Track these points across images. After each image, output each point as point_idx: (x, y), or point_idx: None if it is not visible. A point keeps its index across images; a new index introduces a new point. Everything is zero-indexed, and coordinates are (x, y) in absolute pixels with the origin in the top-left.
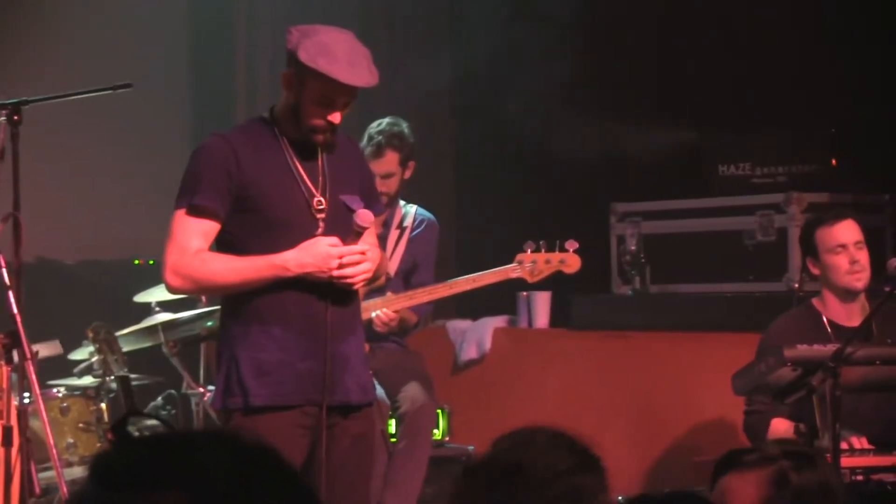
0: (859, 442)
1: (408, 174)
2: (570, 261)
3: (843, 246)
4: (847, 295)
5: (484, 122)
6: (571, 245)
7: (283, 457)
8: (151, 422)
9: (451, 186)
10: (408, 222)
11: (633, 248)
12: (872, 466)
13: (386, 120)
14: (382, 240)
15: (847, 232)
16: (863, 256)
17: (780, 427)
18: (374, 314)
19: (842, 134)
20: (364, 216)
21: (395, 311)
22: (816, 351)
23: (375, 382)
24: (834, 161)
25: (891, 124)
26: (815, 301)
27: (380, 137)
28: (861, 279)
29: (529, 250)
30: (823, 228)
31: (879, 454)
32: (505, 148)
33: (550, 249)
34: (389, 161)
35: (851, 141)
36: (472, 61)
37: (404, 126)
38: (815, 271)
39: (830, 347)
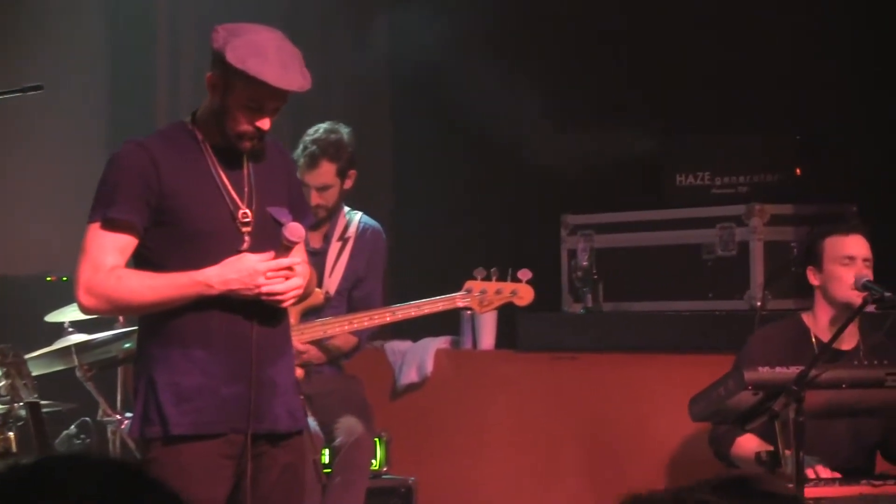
0: (824, 471)
1: (348, 184)
2: (522, 292)
3: (852, 259)
4: (844, 311)
5: (426, 128)
6: (524, 275)
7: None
8: None
9: (391, 196)
10: (351, 232)
11: (584, 263)
12: (837, 497)
13: (323, 126)
14: (322, 254)
15: (859, 246)
16: (869, 275)
17: (748, 444)
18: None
19: (807, 141)
20: (294, 230)
21: (330, 338)
22: (779, 374)
23: (308, 411)
24: (798, 170)
25: (858, 131)
26: (804, 316)
27: (314, 147)
28: (863, 297)
29: (479, 278)
30: (835, 237)
31: (846, 483)
32: (447, 156)
33: (502, 278)
34: (325, 172)
35: (817, 149)
36: (413, 65)
37: (343, 133)
38: (815, 281)
39: (793, 370)
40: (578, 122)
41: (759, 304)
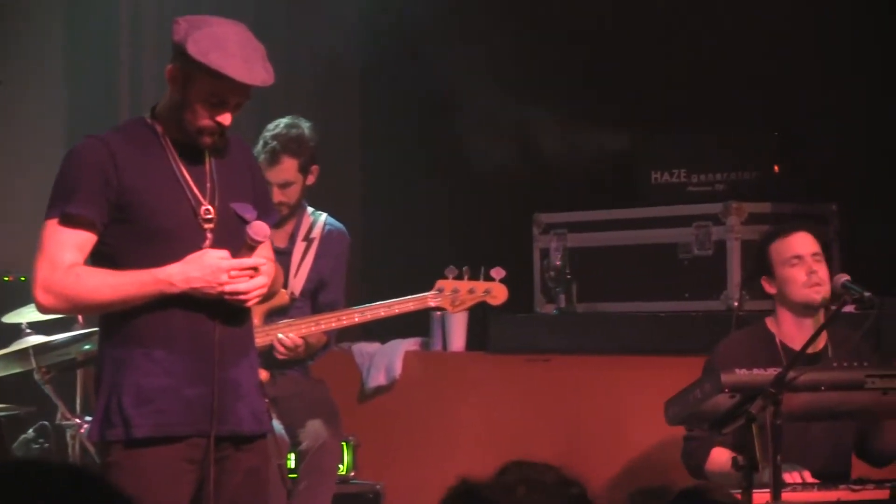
0: (801, 476)
1: (311, 180)
2: (495, 291)
3: (800, 257)
4: (805, 311)
5: (395, 124)
6: (498, 273)
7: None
8: None
9: (359, 194)
10: (315, 233)
11: (557, 262)
12: (816, 503)
13: (283, 121)
14: (287, 254)
15: (803, 243)
16: (821, 269)
17: (721, 457)
18: (280, 336)
19: (785, 138)
20: (258, 229)
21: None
22: (756, 375)
23: (273, 414)
24: (777, 167)
25: (837, 127)
26: (768, 321)
27: (275, 143)
28: (820, 292)
29: (451, 276)
30: (778, 241)
31: (824, 489)
32: (418, 153)
33: (474, 276)
34: (287, 168)
35: (796, 145)
36: (383, 60)
37: (305, 127)
38: (771, 290)
39: (771, 372)
40: (551, 119)
41: (735, 304)
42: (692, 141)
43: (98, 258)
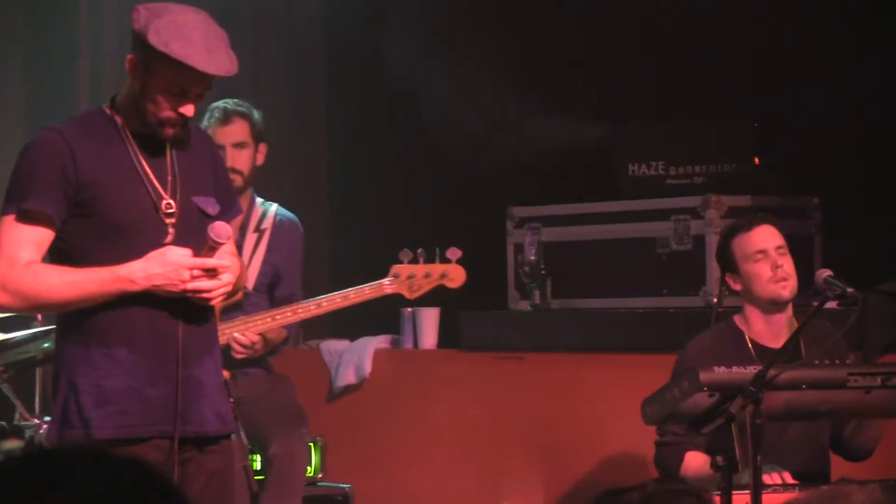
0: (781, 477)
1: (260, 159)
2: (453, 273)
3: (763, 252)
4: (772, 307)
5: (363, 117)
6: (454, 254)
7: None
8: None
9: (325, 185)
10: (267, 224)
11: (532, 257)
12: None
13: (228, 99)
14: (238, 248)
15: (766, 236)
16: (786, 262)
17: (695, 462)
18: (236, 335)
19: (765, 129)
20: (220, 230)
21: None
22: (736, 374)
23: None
24: (757, 159)
25: (819, 117)
26: (736, 318)
27: (225, 105)
28: (787, 287)
29: (406, 260)
30: (739, 236)
31: (804, 489)
32: (387, 146)
33: (430, 259)
34: (240, 129)
35: (776, 136)
36: (349, 48)
37: (250, 107)
38: (737, 286)
39: (751, 370)
40: (525, 109)
41: (715, 300)
42: (670, 132)
43: (57, 255)
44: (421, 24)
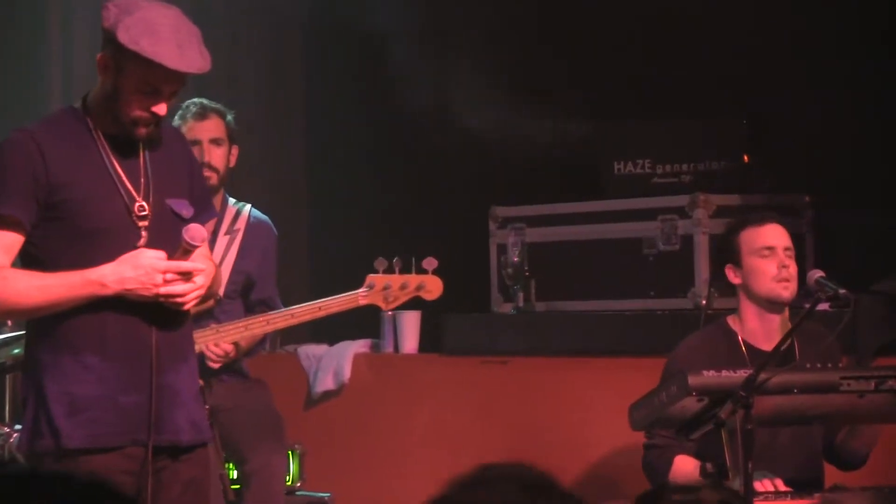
0: (773, 484)
1: (233, 160)
2: (429, 285)
3: (772, 249)
4: (770, 307)
5: (342, 115)
6: (430, 264)
7: None
8: None
9: (304, 188)
10: (239, 225)
11: (515, 259)
12: None
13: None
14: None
15: (777, 235)
16: (792, 265)
17: (685, 466)
18: (209, 346)
19: (755, 126)
20: (195, 232)
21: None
22: (725, 378)
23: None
24: (746, 157)
25: (810, 114)
26: (729, 319)
27: (199, 101)
28: (788, 288)
29: (381, 270)
30: (750, 229)
31: (797, 497)
32: (366, 145)
33: (406, 268)
34: (216, 125)
35: (766, 134)
36: (326, 46)
37: (226, 110)
38: (736, 280)
39: (741, 373)
40: (508, 106)
41: (704, 302)
42: (657, 129)
43: (27, 260)
44: (402, 24)
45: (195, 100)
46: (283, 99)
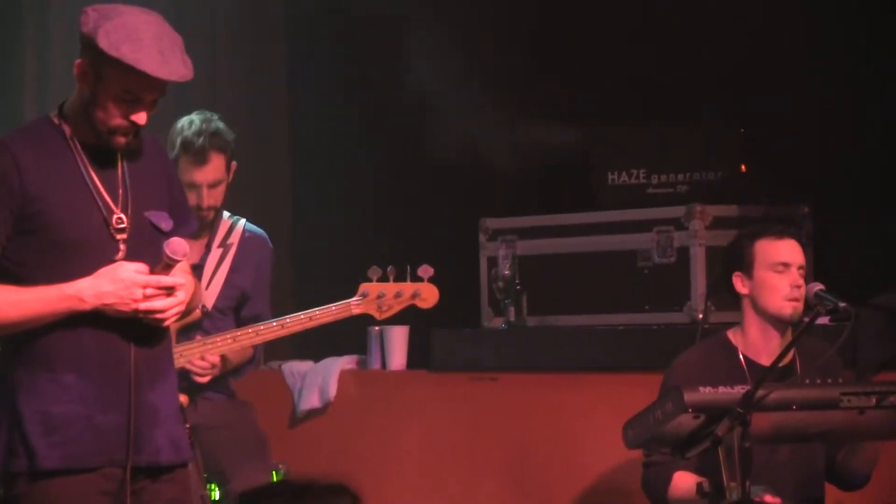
0: (773, 501)
1: (231, 178)
2: (425, 293)
3: (787, 266)
4: (775, 324)
5: (328, 124)
6: (426, 272)
7: None
8: None
9: (290, 199)
10: (233, 238)
11: (506, 272)
12: None
13: (196, 117)
14: (199, 269)
15: (794, 252)
16: (804, 286)
17: (684, 482)
18: (193, 360)
19: (752, 135)
20: (176, 246)
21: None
22: (722, 394)
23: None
24: (744, 167)
25: (809, 122)
26: (730, 333)
27: (201, 139)
28: (797, 308)
29: (375, 278)
30: (768, 240)
31: None
32: (353, 155)
33: (401, 277)
34: (216, 167)
35: (764, 143)
36: (313, 56)
37: (218, 120)
38: (743, 290)
39: (739, 390)
40: (499, 115)
41: (700, 316)
42: (652, 138)
43: (1, 274)
44: (388, 30)
45: (191, 133)
46: (267, 104)
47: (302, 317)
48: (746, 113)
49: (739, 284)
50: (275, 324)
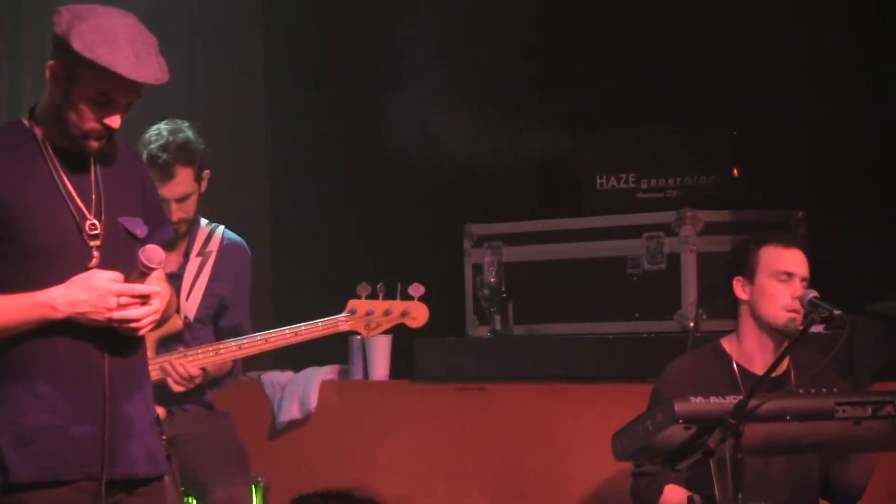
0: None
1: (204, 186)
2: (415, 312)
3: (791, 276)
4: (772, 333)
5: (307, 129)
6: (416, 290)
7: None
8: None
9: (268, 207)
10: (212, 246)
11: (491, 279)
12: None
13: (164, 128)
14: (179, 277)
15: (799, 263)
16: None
17: (675, 496)
18: (171, 363)
19: (745, 139)
20: (152, 254)
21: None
22: (714, 405)
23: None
24: (736, 171)
25: (803, 125)
26: (724, 341)
27: (165, 155)
28: (795, 320)
29: (364, 295)
30: (774, 247)
31: None
32: (333, 161)
33: (390, 294)
34: (183, 180)
35: (756, 146)
36: (293, 59)
37: (187, 130)
38: (743, 295)
39: (731, 400)
40: (483, 118)
41: (691, 324)
42: (641, 142)
43: None
44: (372, 35)
45: (156, 146)
46: (245, 108)
47: (287, 332)
48: (741, 115)
49: (740, 289)
50: (259, 338)
